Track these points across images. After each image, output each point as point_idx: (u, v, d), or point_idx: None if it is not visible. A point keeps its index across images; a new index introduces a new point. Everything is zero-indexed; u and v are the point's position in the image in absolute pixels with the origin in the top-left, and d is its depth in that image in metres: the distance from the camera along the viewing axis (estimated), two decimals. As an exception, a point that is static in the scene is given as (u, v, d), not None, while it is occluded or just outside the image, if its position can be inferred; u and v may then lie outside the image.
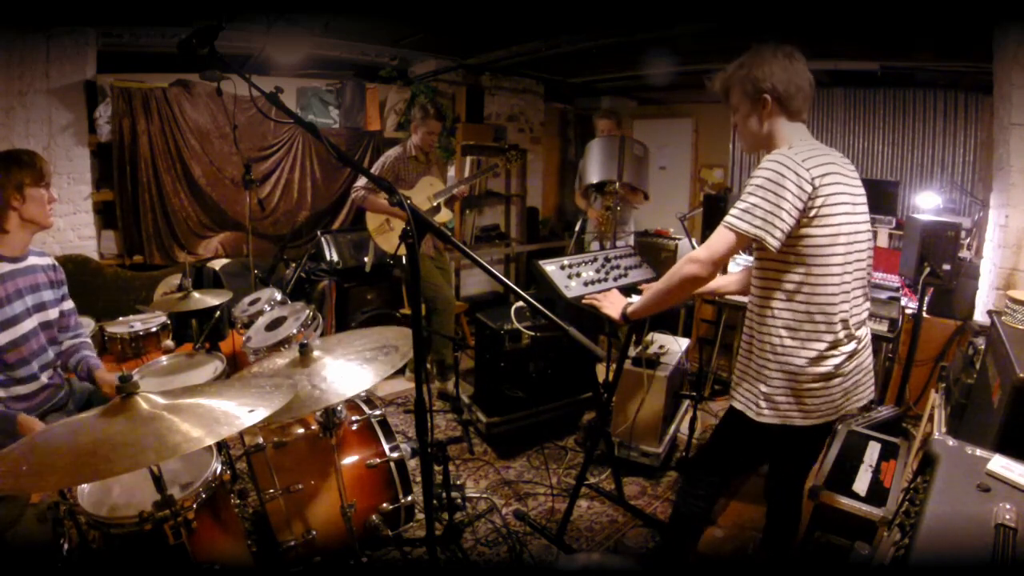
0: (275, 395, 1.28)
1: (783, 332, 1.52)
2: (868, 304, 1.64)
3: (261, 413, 1.19)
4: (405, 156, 3.49)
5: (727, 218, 1.46)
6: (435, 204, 3.46)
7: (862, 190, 1.57)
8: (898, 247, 4.17)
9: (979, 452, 1.28)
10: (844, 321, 1.52)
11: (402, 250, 1.23)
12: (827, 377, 1.53)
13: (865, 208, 1.57)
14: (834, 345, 1.51)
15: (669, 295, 1.60)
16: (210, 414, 1.17)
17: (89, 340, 2.19)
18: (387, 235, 3.48)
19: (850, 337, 1.55)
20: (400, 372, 3.57)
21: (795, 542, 1.97)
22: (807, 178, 1.40)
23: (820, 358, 1.51)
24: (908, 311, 3.29)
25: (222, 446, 1.83)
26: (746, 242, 1.45)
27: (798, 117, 1.55)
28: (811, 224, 1.44)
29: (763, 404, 1.56)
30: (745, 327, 1.63)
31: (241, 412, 1.18)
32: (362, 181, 3.43)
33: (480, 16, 3.58)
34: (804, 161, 1.41)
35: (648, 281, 2.19)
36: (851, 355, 1.54)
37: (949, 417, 2.43)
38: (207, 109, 4.14)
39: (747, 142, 1.64)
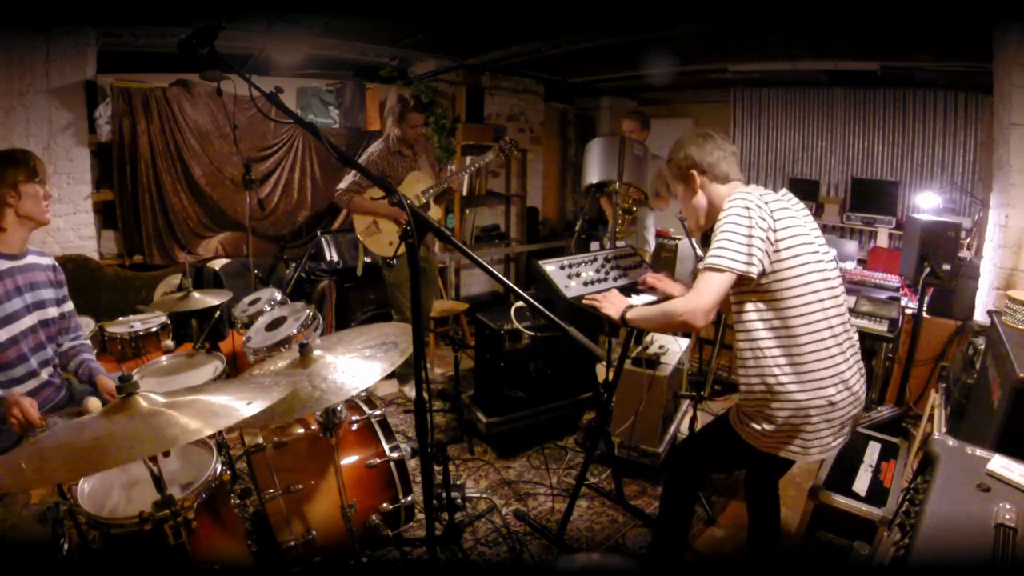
0: (273, 389, 1.28)
1: (776, 371, 1.54)
2: (855, 336, 1.66)
3: (259, 405, 1.19)
4: (388, 151, 3.35)
5: (708, 261, 1.50)
6: (424, 201, 3.32)
7: (815, 226, 1.64)
8: (898, 247, 4.17)
9: (979, 452, 1.28)
10: (833, 347, 1.55)
11: (401, 249, 1.22)
12: (826, 409, 1.55)
13: (822, 239, 1.64)
14: (830, 372, 1.54)
15: (665, 328, 1.78)
16: (208, 408, 1.17)
17: (88, 343, 2.19)
18: (375, 237, 3.36)
19: (844, 362, 1.57)
20: (390, 376, 3.57)
21: (779, 533, 2.00)
22: (767, 211, 1.51)
23: (819, 389, 1.53)
24: (908, 311, 3.29)
25: (222, 446, 1.83)
26: (733, 280, 1.49)
27: (730, 179, 1.68)
28: (779, 258, 1.51)
29: (766, 440, 1.60)
30: (739, 370, 1.64)
31: (239, 404, 1.18)
32: (344, 184, 3.31)
33: (480, 16, 3.58)
34: (760, 196, 1.54)
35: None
36: (848, 384, 1.57)
37: (949, 417, 2.43)
38: (207, 109, 4.14)
39: (694, 219, 1.76)
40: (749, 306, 1.56)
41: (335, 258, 4.41)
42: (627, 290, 2.06)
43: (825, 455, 1.64)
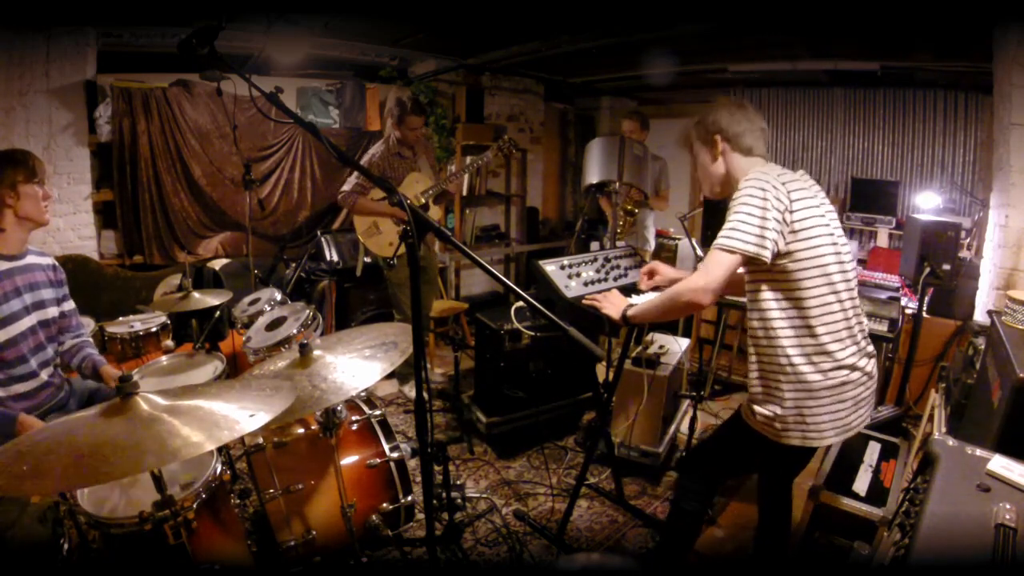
0: (275, 398, 1.28)
1: (790, 351, 1.53)
2: (865, 320, 1.65)
3: (262, 418, 1.18)
4: (389, 153, 3.38)
5: (719, 241, 1.48)
6: (423, 202, 3.35)
7: (831, 208, 1.63)
8: (898, 247, 4.17)
9: (979, 452, 1.28)
10: (844, 330, 1.54)
11: (401, 250, 1.23)
12: (838, 389, 1.54)
13: (836, 220, 1.62)
14: (841, 354, 1.53)
15: (670, 313, 1.69)
16: (210, 418, 1.16)
17: (90, 339, 2.20)
18: (376, 238, 3.38)
19: (853, 344, 1.57)
20: (390, 376, 3.58)
21: (789, 537, 1.97)
22: (784, 191, 1.48)
23: (831, 370, 1.53)
24: (908, 311, 3.29)
25: (222, 446, 1.83)
26: (741, 261, 1.48)
27: (753, 154, 1.66)
28: (795, 239, 1.49)
29: (778, 426, 1.58)
30: (750, 350, 1.63)
31: (242, 416, 1.17)
32: (347, 186, 3.33)
33: (480, 16, 3.58)
34: (778, 176, 1.51)
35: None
36: (856, 365, 1.56)
37: (949, 417, 2.43)
38: (207, 109, 4.14)
39: (708, 186, 1.75)
40: (764, 286, 1.55)
41: (335, 258, 4.41)
42: (627, 290, 2.06)
43: (844, 436, 1.61)
